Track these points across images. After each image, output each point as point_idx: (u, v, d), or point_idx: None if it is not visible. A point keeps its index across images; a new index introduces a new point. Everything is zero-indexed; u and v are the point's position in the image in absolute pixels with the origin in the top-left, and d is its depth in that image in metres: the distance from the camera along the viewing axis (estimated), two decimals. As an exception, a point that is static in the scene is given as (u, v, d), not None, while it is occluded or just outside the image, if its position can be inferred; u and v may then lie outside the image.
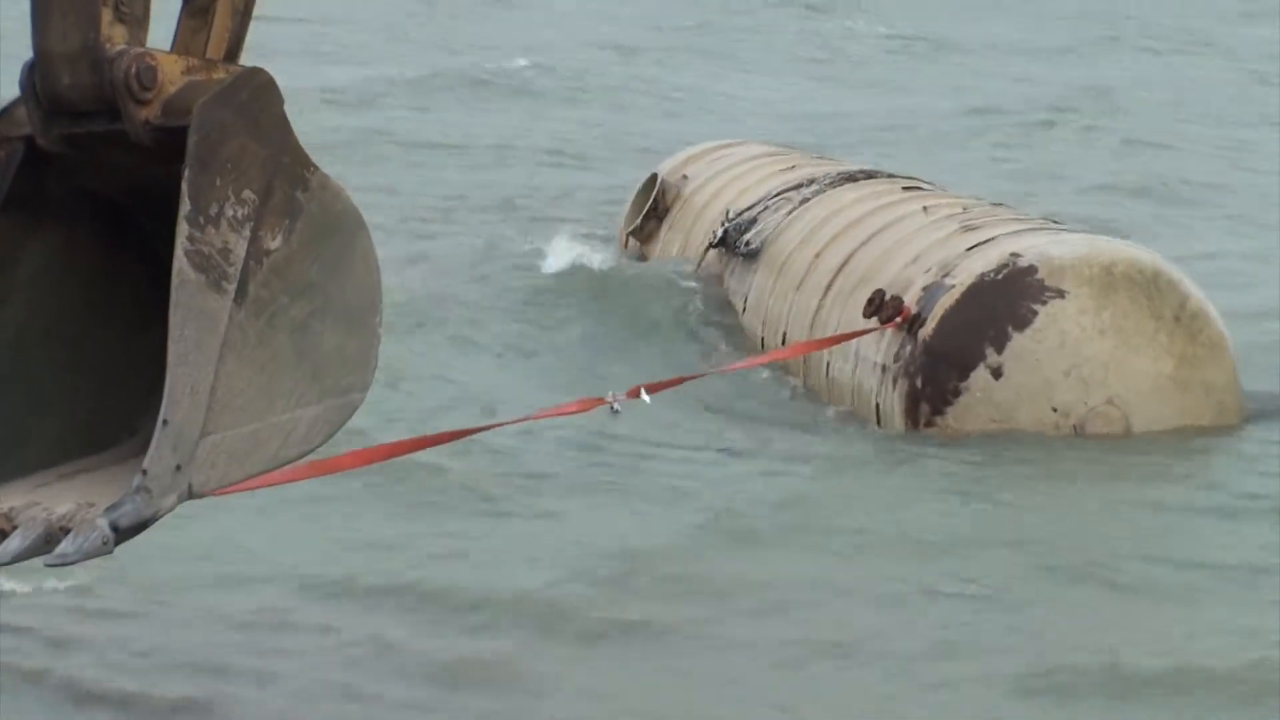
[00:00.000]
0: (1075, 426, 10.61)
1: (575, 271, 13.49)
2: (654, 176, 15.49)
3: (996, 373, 10.65)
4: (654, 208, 14.99)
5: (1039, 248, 10.90)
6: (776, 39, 38.26)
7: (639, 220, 14.95)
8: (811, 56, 35.37)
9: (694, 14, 43.48)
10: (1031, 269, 10.68)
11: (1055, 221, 12.62)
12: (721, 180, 14.61)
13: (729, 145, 15.58)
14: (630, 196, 15.98)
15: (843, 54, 36.04)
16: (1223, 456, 10.80)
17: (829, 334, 11.35)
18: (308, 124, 20.95)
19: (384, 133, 22.34)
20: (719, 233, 13.63)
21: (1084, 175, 22.16)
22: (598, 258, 13.89)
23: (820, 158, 15.02)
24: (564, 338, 12.21)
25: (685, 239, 14.21)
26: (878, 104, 28.29)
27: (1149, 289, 10.74)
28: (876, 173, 13.73)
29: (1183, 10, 44.22)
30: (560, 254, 14.24)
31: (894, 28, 41.59)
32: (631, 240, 15.11)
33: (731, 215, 13.85)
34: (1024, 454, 10.43)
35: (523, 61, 31.06)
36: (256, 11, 6.23)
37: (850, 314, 11.36)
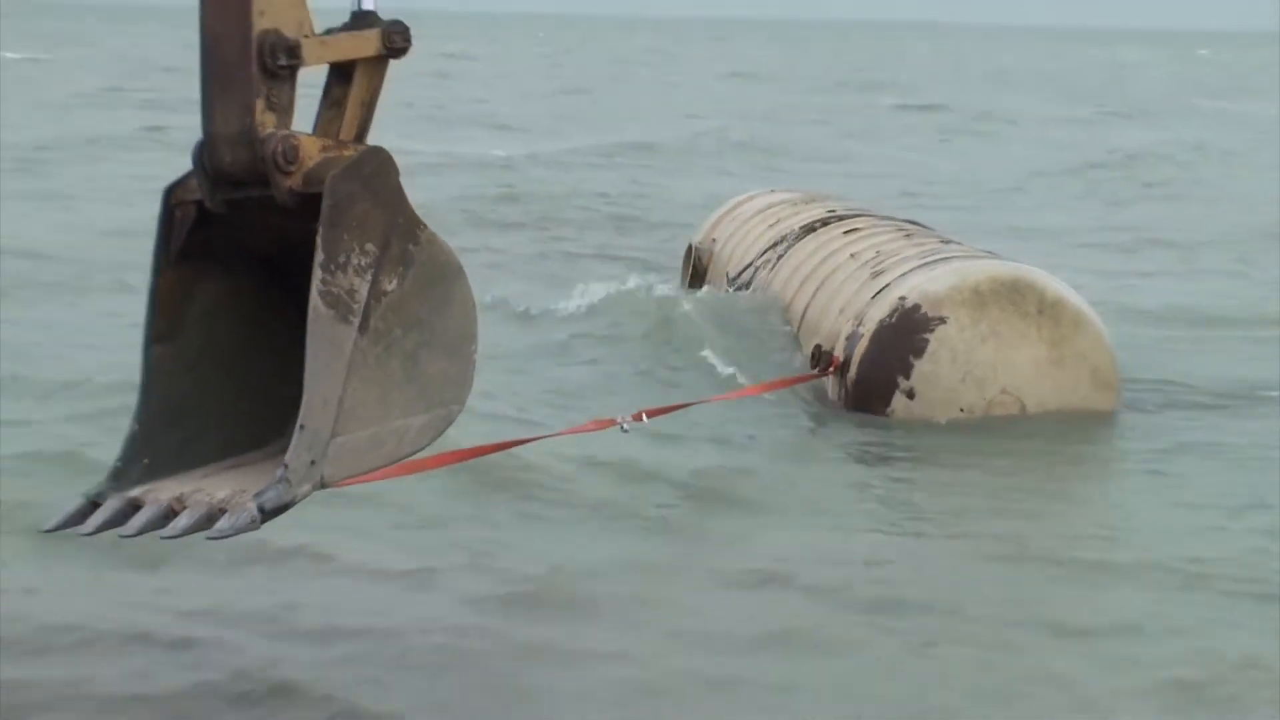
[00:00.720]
0: (981, 419, 10.82)
1: (641, 315, 13.69)
2: (690, 247, 15.72)
3: (910, 395, 10.94)
4: (695, 273, 15.25)
5: (919, 287, 11.11)
6: (880, 118, 40.32)
7: (687, 285, 15.26)
8: (905, 129, 37.54)
9: (797, 100, 44.41)
10: (917, 306, 10.96)
11: (944, 242, 12.72)
12: (735, 240, 14.81)
13: (740, 203, 15.61)
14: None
15: (914, 127, 38.15)
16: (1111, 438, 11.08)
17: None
18: (496, 180, 23.11)
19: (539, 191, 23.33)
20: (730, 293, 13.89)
21: (1102, 219, 23.49)
22: (655, 303, 14.01)
23: (806, 200, 15.00)
24: (607, 368, 12.48)
25: (718, 294, 14.18)
26: (948, 164, 30.34)
27: (1011, 294, 10.99)
28: (830, 218, 13.81)
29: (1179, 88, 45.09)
30: (638, 299, 14.33)
31: (952, 105, 42.94)
32: None
33: (732, 277, 14.16)
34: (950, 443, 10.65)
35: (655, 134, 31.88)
36: (474, 95, 6.38)
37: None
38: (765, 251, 14.00)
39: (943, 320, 11.01)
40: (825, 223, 13.85)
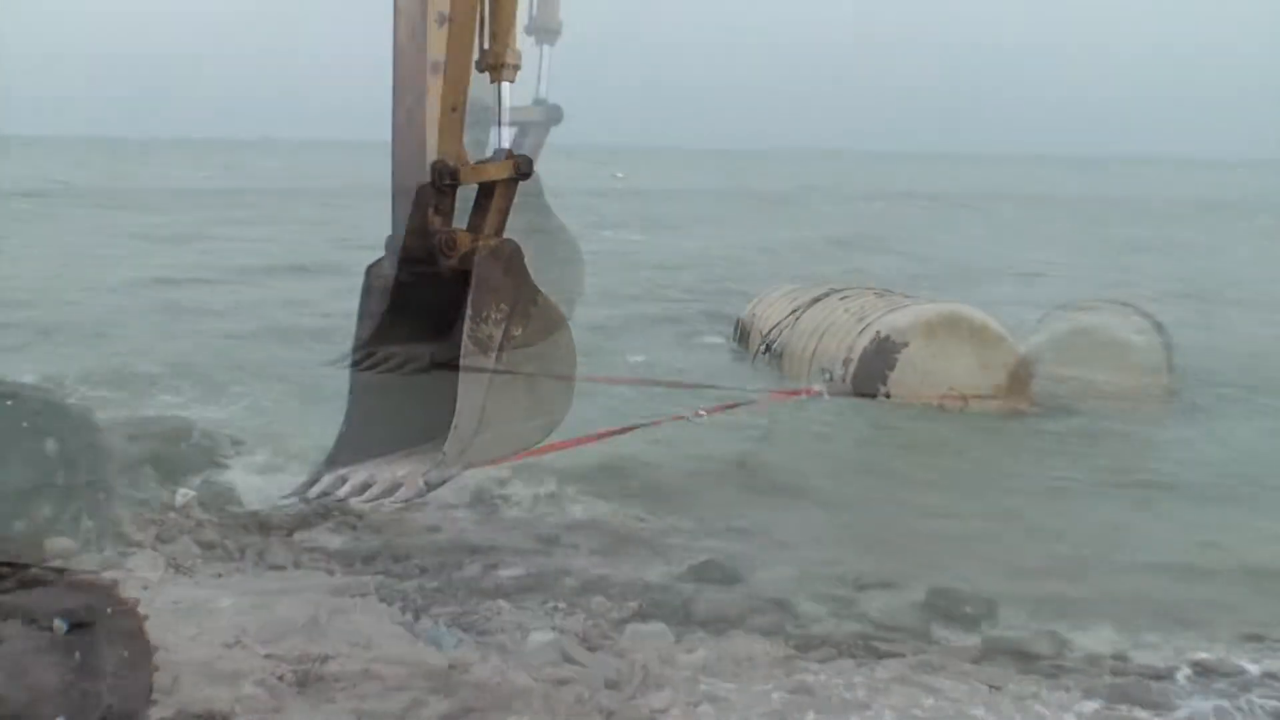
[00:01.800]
0: (936, 409, 10.99)
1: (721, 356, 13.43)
2: (738, 320, 15.86)
3: (888, 395, 11.17)
4: (741, 335, 15.27)
5: (890, 322, 11.35)
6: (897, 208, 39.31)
7: (737, 342, 15.15)
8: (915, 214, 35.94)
9: (878, 226, 42.66)
10: (889, 337, 11.24)
11: (905, 296, 12.83)
12: (766, 313, 14.72)
13: (769, 292, 15.55)
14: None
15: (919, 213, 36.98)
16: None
17: (819, 393, 11.60)
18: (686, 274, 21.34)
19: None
20: (763, 347, 13.99)
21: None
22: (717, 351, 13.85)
23: (813, 286, 14.87)
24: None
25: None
26: (958, 239, 29.31)
27: (951, 324, 11.17)
28: (832, 292, 13.88)
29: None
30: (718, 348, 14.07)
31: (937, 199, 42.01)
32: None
33: (764, 333, 14.12)
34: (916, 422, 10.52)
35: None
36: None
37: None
38: (786, 317, 14.05)
39: (906, 344, 11.22)
40: (827, 295, 13.96)
